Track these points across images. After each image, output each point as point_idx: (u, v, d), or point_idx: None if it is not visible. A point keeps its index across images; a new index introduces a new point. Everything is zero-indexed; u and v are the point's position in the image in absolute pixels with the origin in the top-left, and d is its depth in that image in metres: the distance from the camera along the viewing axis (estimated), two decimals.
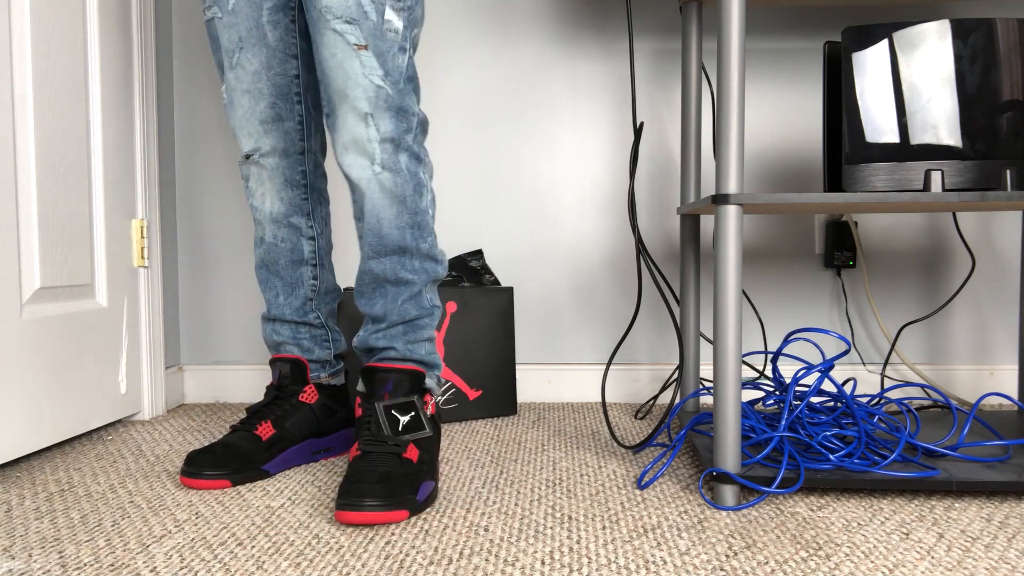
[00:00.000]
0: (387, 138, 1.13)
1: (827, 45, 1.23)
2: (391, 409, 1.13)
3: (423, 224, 1.18)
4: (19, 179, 1.28)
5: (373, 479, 1.02)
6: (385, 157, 1.13)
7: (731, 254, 1.06)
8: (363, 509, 0.98)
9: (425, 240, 1.18)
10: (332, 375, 1.35)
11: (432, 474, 1.11)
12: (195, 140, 1.80)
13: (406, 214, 1.16)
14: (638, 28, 1.76)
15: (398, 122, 1.13)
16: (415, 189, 1.16)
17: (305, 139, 1.28)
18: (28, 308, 1.30)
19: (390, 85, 1.12)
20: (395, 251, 1.17)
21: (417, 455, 1.10)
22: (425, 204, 1.18)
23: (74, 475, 1.24)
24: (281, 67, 1.24)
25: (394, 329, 1.19)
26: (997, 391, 1.75)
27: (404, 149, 1.15)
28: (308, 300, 1.32)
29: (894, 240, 1.76)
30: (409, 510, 1.02)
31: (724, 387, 1.07)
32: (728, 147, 1.07)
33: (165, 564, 0.88)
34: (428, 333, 1.22)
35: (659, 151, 1.77)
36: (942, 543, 0.94)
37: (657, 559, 0.89)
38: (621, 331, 1.80)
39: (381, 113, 1.12)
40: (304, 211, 1.30)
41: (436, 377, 1.23)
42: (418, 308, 1.20)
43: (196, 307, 1.82)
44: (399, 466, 1.06)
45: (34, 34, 1.30)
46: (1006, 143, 1.14)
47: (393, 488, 1.01)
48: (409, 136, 1.15)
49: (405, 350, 1.19)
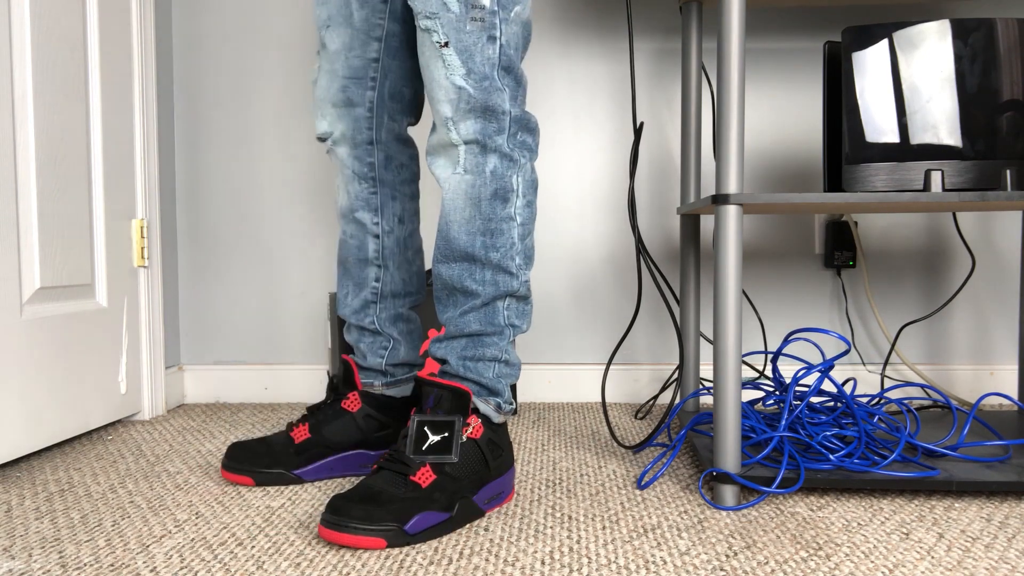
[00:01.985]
0: (471, 140, 1.04)
1: (827, 45, 1.23)
2: (424, 425, 1.03)
3: (498, 231, 1.06)
4: (19, 179, 1.28)
5: (358, 498, 0.94)
6: (469, 159, 1.04)
7: (731, 254, 1.06)
8: (339, 529, 0.92)
9: (497, 249, 1.06)
10: (388, 385, 1.25)
11: (445, 504, 0.97)
12: (195, 140, 1.80)
13: (478, 219, 1.05)
14: (638, 28, 1.76)
15: (485, 123, 1.03)
16: (495, 193, 1.05)
17: (374, 129, 1.20)
18: (28, 308, 1.30)
19: (473, 84, 1.01)
20: (462, 257, 1.07)
21: (430, 481, 0.98)
22: (508, 211, 1.06)
23: (74, 475, 1.24)
24: (361, 48, 1.17)
25: (454, 342, 1.09)
26: (997, 391, 1.75)
27: (493, 151, 1.04)
28: (369, 303, 1.25)
29: (894, 240, 1.76)
30: (387, 540, 0.92)
31: (724, 387, 1.07)
32: (728, 147, 1.07)
33: (165, 564, 0.88)
34: (493, 352, 1.08)
35: (659, 151, 1.77)
36: (942, 543, 0.94)
37: (657, 559, 0.89)
38: (621, 331, 1.80)
39: (463, 116, 1.02)
40: (372, 206, 1.22)
41: (496, 403, 1.09)
42: (482, 323, 1.08)
43: (196, 307, 1.82)
44: (399, 488, 0.96)
45: (34, 34, 1.30)
46: (1006, 143, 1.14)
47: (371, 512, 0.92)
48: (501, 137, 1.04)
49: (459, 366, 1.08)
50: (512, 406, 1.12)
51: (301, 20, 1.79)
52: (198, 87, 1.80)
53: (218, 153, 1.80)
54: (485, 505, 1.04)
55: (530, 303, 1.13)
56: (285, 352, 1.82)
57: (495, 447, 1.06)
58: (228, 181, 1.81)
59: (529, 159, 1.08)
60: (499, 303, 1.08)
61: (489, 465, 1.04)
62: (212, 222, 1.81)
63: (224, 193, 1.81)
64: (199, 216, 1.81)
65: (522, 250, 1.09)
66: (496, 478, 1.06)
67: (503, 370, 1.10)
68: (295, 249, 1.81)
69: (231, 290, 1.82)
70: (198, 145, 1.80)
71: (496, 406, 1.08)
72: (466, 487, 1.01)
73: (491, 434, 1.06)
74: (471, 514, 1.01)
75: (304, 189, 1.80)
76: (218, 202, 1.81)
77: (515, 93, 1.05)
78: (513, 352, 1.12)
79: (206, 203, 1.81)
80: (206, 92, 1.80)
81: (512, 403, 1.12)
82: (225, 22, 1.79)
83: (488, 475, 1.04)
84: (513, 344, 1.13)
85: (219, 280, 1.82)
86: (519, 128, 1.06)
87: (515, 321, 1.10)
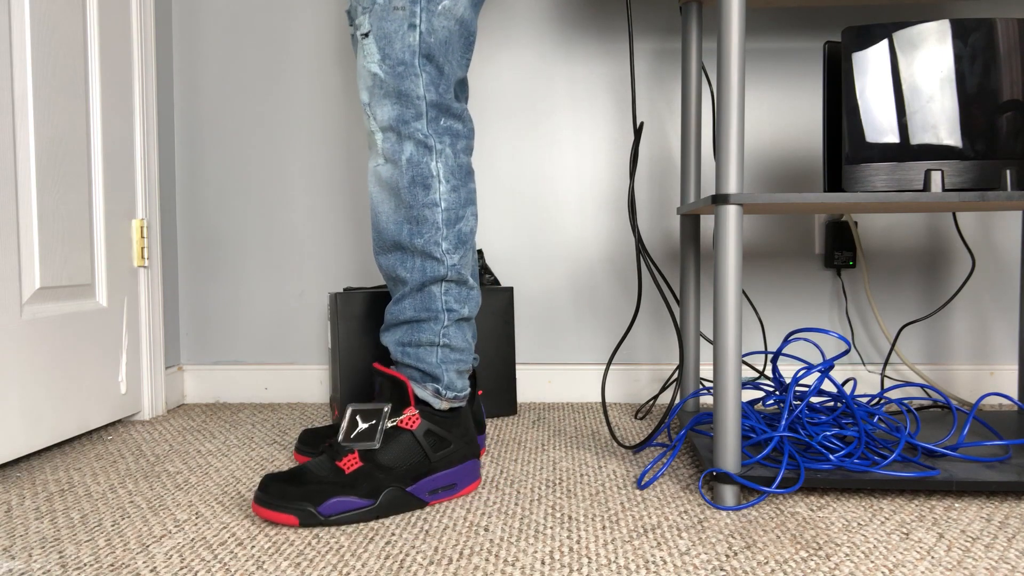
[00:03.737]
0: (386, 127, 1.06)
1: (827, 45, 1.23)
2: (356, 413, 1.06)
3: (421, 218, 1.08)
4: (19, 179, 1.28)
5: (284, 478, 1.00)
6: (387, 147, 1.06)
7: (731, 254, 1.06)
8: (260, 503, 0.99)
9: (422, 235, 1.08)
10: None
11: (366, 492, 1.00)
12: (195, 140, 1.80)
13: (403, 208, 1.07)
14: (638, 28, 1.76)
15: (402, 109, 1.05)
16: (412, 181, 1.06)
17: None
18: (28, 308, 1.30)
19: (387, 69, 1.04)
20: (393, 247, 1.10)
21: (354, 468, 1.01)
22: (431, 197, 1.07)
23: (74, 475, 1.24)
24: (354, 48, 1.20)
25: (393, 330, 1.12)
26: (997, 391, 1.75)
27: (408, 138, 1.06)
28: None
29: (894, 240, 1.76)
30: (299, 519, 0.97)
31: (724, 387, 1.07)
32: (728, 147, 1.07)
33: (165, 564, 0.88)
34: (429, 337, 1.10)
35: (659, 151, 1.77)
36: (942, 543, 0.94)
37: (657, 559, 0.89)
38: (621, 331, 1.80)
39: (378, 101, 1.05)
40: None
41: (435, 389, 1.10)
42: (417, 309, 1.10)
43: (196, 307, 1.82)
44: (324, 472, 1.01)
45: (34, 34, 1.30)
46: (1006, 143, 1.14)
47: (288, 491, 0.98)
48: (419, 123, 1.05)
49: (397, 352, 1.11)
50: (460, 393, 1.11)
51: (301, 20, 1.79)
52: (198, 87, 1.80)
53: (218, 153, 1.80)
54: (427, 496, 1.05)
55: (473, 288, 1.13)
56: (285, 352, 1.82)
57: (437, 438, 1.06)
58: (228, 181, 1.81)
59: (451, 144, 1.08)
60: (434, 288, 1.09)
61: (429, 456, 1.05)
62: (212, 222, 1.81)
63: (224, 193, 1.81)
64: (199, 216, 1.81)
65: (449, 235, 1.09)
66: (442, 470, 1.07)
67: (447, 355, 1.10)
68: (296, 249, 1.81)
69: (231, 290, 1.82)
70: (198, 145, 1.80)
71: (435, 391, 1.09)
72: (397, 476, 1.02)
73: (431, 425, 1.06)
74: (404, 504, 1.03)
75: (305, 189, 1.80)
76: (218, 202, 1.81)
77: (435, 80, 1.06)
78: (459, 336, 1.11)
79: (206, 203, 1.81)
80: (206, 92, 1.80)
81: (460, 390, 1.12)
82: (225, 22, 1.79)
83: (429, 466, 1.05)
84: (466, 328, 1.13)
85: (219, 280, 1.82)
86: (439, 113, 1.07)
87: (453, 306, 1.11)
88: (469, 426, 1.13)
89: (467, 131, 1.11)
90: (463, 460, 1.10)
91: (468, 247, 1.12)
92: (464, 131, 1.11)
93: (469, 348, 1.14)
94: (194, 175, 1.81)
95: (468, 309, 1.13)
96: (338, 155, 1.80)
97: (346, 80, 1.79)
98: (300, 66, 1.79)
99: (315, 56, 1.79)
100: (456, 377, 1.12)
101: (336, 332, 1.52)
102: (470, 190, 1.11)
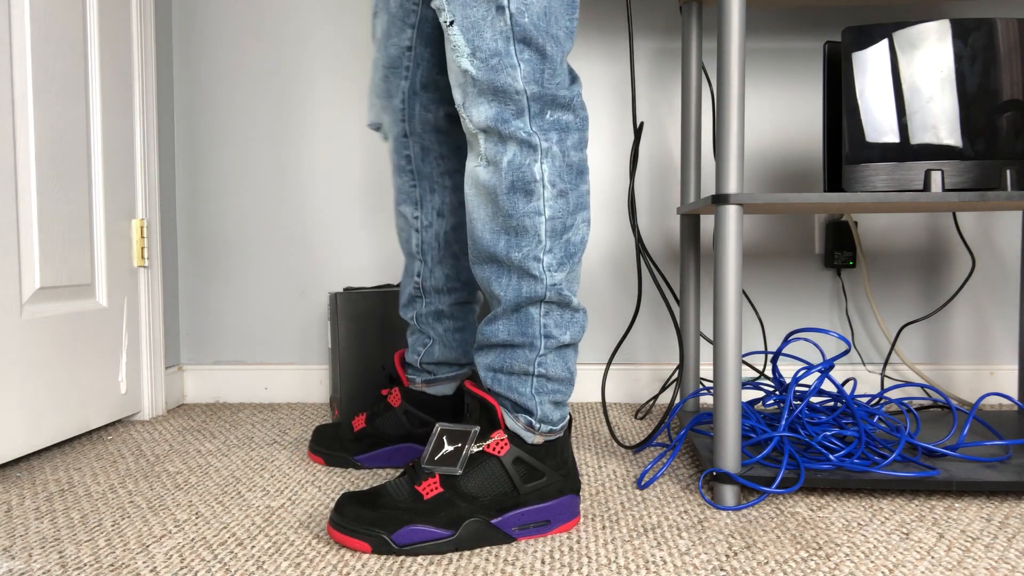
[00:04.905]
0: (485, 128, 0.92)
1: (827, 45, 1.23)
2: (444, 433, 0.96)
3: (521, 229, 0.94)
4: (19, 179, 1.28)
5: (359, 500, 0.93)
6: (488, 149, 0.93)
7: (731, 254, 1.06)
8: (334, 526, 0.92)
9: (520, 249, 0.94)
10: (428, 383, 1.23)
11: (446, 521, 0.91)
12: (195, 140, 1.80)
13: (500, 217, 0.94)
14: (638, 28, 1.76)
15: (500, 107, 0.91)
16: (512, 186, 0.93)
17: (406, 120, 1.15)
18: (28, 308, 1.30)
19: (479, 63, 0.90)
20: (488, 259, 0.96)
21: (433, 493, 0.92)
22: (533, 205, 0.93)
23: (74, 475, 1.24)
24: (398, 36, 1.12)
25: (483, 352, 1.00)
26: (997, 391, 1.75)
27: (510, 138, 0.92)
28: (413, 298, 1.22)
29: (894, 240, 1.76)
30: (371, 546, 0.89)
31: (724, 387, 1.07)
32: (728, 147, 1.07)
33: (165, 564, 0.88)
34: (523, 365, 0.96)
35: (659, 151, 1.77)
36: (942, 543, 0.94)
37: (657, 559, 0.89)
38: (621, 331, 1.80)
39: (473, 101, 0.92)
40: (412, 199, 1.18)
41: (527, 422, 0.97)
42: (511, 332, 0.96)
43: (196, 307, 1.82)
44: (401, 495, 0.93)
45: (34, 34, 1.30)
46: (1006, 143, 1.14)
47: (363, 515, 0.91)
48: (520, 120, 0.92)
49: (488, 378, 0.98)
50: (555, 426, 0.99)
51: (301, 20, 1.79)
52: (198, 87, 1.80)
53: (218, 153, 1.80)
54: (515, 532, 0.94)
55: (577, 310, 0.99)
56: (285, 352, 1.82)
57: (528, 468, 0.95)
58: (228, 181, 1.81)
59: (559, 140, 0.94)
60: (531, 310, 0.96)
61: (518, 487, 0.94)
62: (212, 222, 1.81)
63: (224, 193, 1.81)
64: (199, 216, 1.81)
65: (554, 248, 0.95)
66: (533, 504, 0.95)
67: (542, 385, 0.97)
68: (296, 249, 1.81)
69: (231, 290, 1.82)
70: (198, 145, 1.80)
71: (527, 424, 0.96)
72: (480, 507, 0.92)
73: (522, 452, 0.95)
74: (488, 538, 0.93)
75: (305, 189, 1.80)
76: (218, 202, 1.81)
77: (537, 68, 0.91)
78: (559, 365, 0.98)
79: (206, 203, 1.81)
80: (206, 92, 1.80)
81: (556, 423, 0.99)
82: (225, 22, 1.79)
83: (517, 498, 0.94)
84: (568, 355, 1.00)
85: (219, 280, 1.82)
86: (544, 106, 0.93)
87: (553, 331, 0.97)
88: (567, 457, 1.00)
89: (579, 122, 0.96)
90: (559, 495, 0.97)
91: (576, 261, 0.98)
92: (575, 123, 0.96)
93: (570, 378, 1.00)
94: (194, 175, 1.81)
95: (571, 335, 0.98)
96: (338, 154, 1.80)
97: (346, 79, 1.79)
98: (300, 66, 1.79)
99: (315, 56, 1.79)
100: (552, 409, 0.98)
101: (336, 332, 1.52)
102: (581, 193, 0.97)
